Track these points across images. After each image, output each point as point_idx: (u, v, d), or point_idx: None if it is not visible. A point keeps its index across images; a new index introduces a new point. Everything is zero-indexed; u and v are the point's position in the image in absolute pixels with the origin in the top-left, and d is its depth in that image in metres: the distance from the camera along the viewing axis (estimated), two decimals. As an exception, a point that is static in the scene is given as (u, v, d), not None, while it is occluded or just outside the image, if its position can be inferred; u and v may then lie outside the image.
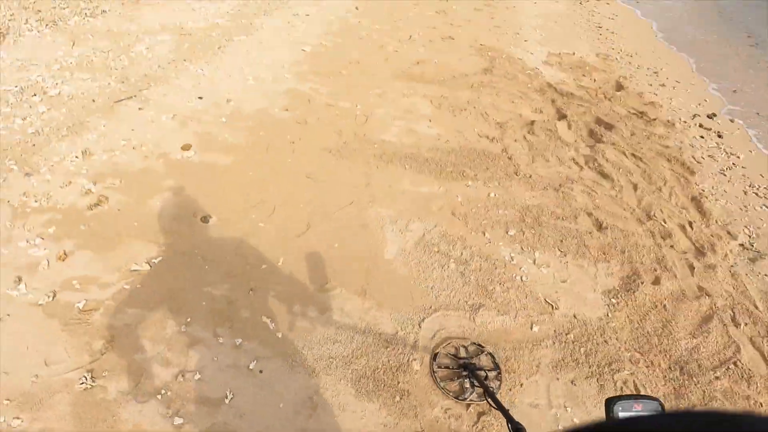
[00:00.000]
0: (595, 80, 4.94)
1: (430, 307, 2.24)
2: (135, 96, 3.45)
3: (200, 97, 3.56)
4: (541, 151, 3.53)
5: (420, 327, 2.15)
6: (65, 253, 2.22)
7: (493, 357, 2.05)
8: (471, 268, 2.48)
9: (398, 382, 1.92)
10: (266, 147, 3.15)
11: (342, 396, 1.84)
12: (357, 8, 6.05)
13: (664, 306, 2.41)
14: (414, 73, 4.53)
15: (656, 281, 2.55)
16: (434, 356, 2.01)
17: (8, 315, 1.94)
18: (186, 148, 3.02)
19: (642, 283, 2.51)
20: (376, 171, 3.10)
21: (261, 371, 1.88)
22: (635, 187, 3.26)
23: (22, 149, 2.81)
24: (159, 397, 1.75)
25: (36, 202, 2.47)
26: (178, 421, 1.69)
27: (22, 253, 2.19)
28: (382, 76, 4.37)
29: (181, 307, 2.07)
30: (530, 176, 3.23)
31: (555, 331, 2.22)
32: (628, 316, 2.34)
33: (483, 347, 2.09)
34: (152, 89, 3.57)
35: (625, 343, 2.21)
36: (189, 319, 2.03)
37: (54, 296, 2.03)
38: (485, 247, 2.62)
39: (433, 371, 1.96)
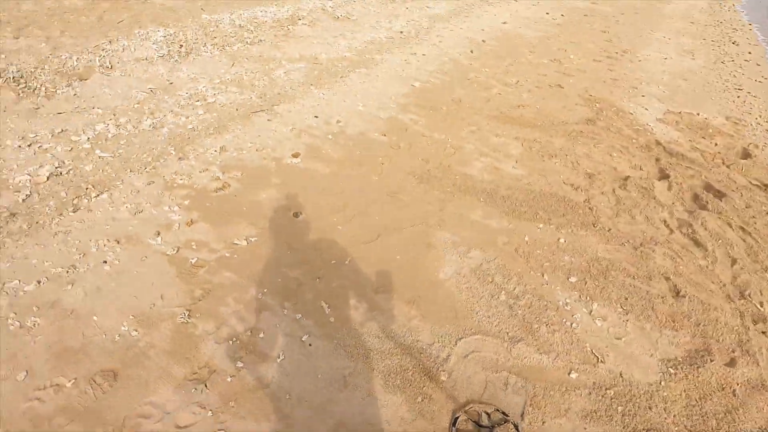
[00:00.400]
0: (716, 144, 4.55)
1: (471, 329, 2.37)
2: (267, 110, 4.21)
3: (316, 116, 4.20)
4: (628, 207, 3.41)
5: (456, 344, 2.29)
6: (191, 221, 2.86)
7: (516, 428, 1.95)
8: (521, 303, 2.55)
9: (423, 387, 2.09)
10: (359, 164, 3.61)
11: (371, 383, 2.08)
12: (472, 51, 6.44)
13: (734, 391, 2.19)
14: (512, 115, 4.69)
15: (731, 363, 2.32)
16: (454, 421, 1.96)
17: (146, 257, 2.58)
18: (295, 155, 3.61)
19: (712, 361, 2.31)
20: (451, 199, 3.33)
21: (310, 344, 2.21)
22: (733, 262, 2.97)
23: (181, 140, 3.65)
24: (230, 342, 2.18)
25: (181, 180, 3.21)
26: (239, 364, 2.09)
27: (164, 216, 2.88)
28: (479, 115, 4.62)
29: (261, 279, 2.53)
30: (609, 230, 3.16)
31: (595, 383, 2.18)
32: (685, 391, 2.18)
33: (507, 416, 1.99)
34: (281, 105, 4.31)
35: (675, 416, 2.07)
36: (265, 290, 2.47)
37: (177, 251, 2.64)
38: (541, 288, 2.66)
39: None
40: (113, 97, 4.08)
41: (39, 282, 2.35)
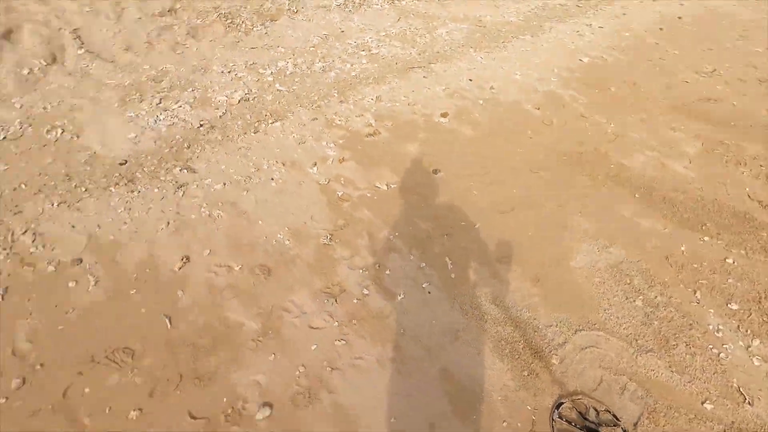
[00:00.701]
0: None
1: (594, 324, 2.25)
2: (424, 67, 4.30)
3: (470, 79, 4.15)
4: (836, 242, 2.75)
5: (575, 334, 2.20)
6: (343, 159, 3.16)
7: None
8: (659, 314, 2.31)
9: (532, 363, 2.08)
10: (506, 133, 3.51)
11: (481, 344, 2.14)
12: (661, 29, 5.56)
13: None
14: (697, 109, 4.01)
15: None
16: (558, 404, 1.93)
17: (303, 182, 2.96)
18: (444, 115, 3.66)
19: None
20: (600, 187, 3.07)
21: (429, 293, 2.35)
22: None
23: (344, 85, 3.97)
24: (360, 271, 2.43)
25: (339, 120, 3.52)
26: (365, 291, 2.33)
27: (321, 150, 3.24)
28: (654, 102, 4.05)
29: (395, 224, 2.72)
30: (799, 263, 2.60)
31: (734, 422, 1.92)
32: None
33: (618, 421, 1.87)
34: (438, 64, 4.35)
35: (835, 492, 1.73)
36: (397, 234, 2.66)
37: (328, 182, 2.97)
38: (688, 305, 2.36)
39: (552, 420, 1.88)
40: (295, 39, 4.57)
41: (224, 184, 2.89)
